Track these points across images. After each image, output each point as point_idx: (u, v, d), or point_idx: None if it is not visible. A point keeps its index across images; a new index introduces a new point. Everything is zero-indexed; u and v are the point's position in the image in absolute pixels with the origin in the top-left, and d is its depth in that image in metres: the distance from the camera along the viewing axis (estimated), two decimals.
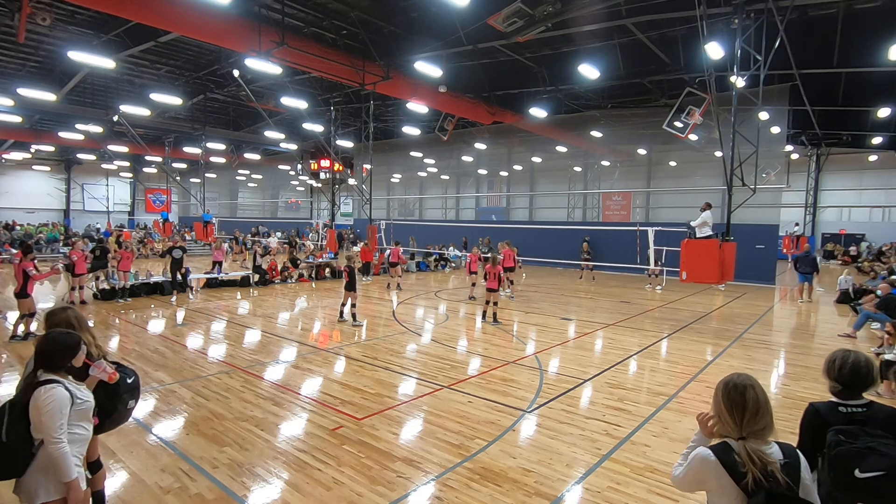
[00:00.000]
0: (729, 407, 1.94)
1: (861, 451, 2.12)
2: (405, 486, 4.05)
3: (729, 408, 1.94)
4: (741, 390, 1.95)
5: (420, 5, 13.14)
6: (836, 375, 2.42)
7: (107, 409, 3.11)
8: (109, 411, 3.12)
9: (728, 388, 1.96)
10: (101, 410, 3.10)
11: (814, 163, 28.62)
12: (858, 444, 2.15)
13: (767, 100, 13.39)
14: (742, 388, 1.95)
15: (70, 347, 2.62)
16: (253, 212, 48.83)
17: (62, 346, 2.61)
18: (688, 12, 10.27)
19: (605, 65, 15.06)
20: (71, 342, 2.64)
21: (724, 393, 1.97)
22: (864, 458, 2.10)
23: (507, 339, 9.51)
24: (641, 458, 4.59)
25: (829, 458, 2.20)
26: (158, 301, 13.21)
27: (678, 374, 7.34)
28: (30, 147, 31.07)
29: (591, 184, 31.34)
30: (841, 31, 13.15)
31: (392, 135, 28.11)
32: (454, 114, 19.91)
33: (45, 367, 2.55)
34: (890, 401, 5.81)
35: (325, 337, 9.56)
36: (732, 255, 10.27)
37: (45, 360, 2.56)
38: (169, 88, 19.70)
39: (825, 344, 9.48)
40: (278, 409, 5.68)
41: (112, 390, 3.12)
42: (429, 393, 6.31)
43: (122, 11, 11.31)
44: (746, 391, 1.94)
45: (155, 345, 8.54)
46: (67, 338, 2.65)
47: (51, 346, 2.59)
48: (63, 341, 2.63)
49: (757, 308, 13.57)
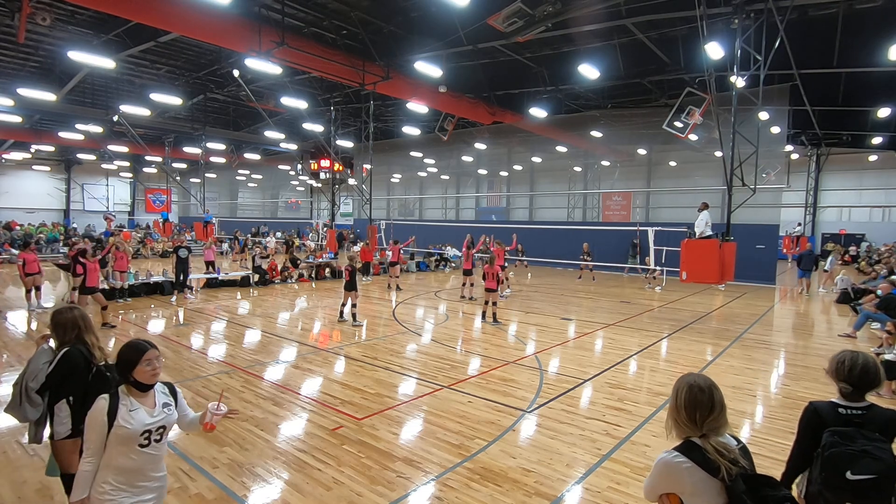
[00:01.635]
0: (692, 407, 1.96)
1: (855, 454, 2.15)
2: (405, 486, 4.05)
3: (691, 408, 1.96)
4: (707, 391, 1.98)
5: (420, 5, 13.13)
6: (845, 377, 2.41)
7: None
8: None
9: (694, 390, 1.98)
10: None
11: (814, 163, 28.62)
12: (853, 447, 2.17)
13: (767, 100, 13.38)
14: (708, 388, 1.98)
15: (131, 361, 2.41)
16: (253, 212, 48.83)
17: (123, 357, 2.43)
18: (688, 12, 10.27)
19: (605, 65, 15.05)
20: (131, 356, 2.42)
21: (688, 394, 1.99)
22: (858, 460, 2.13)
23: (507, 338, 9.51)
24: (641, 458, 4.59)
25: (822, 459, 2.23)
26: (158, 301, 13.21)
27: (678, 373, 7.27)
28: (30, 147, 31.08)
29: (591, 184, 31.34)
30: (841, 31, 13.14)
31: (392, 135, 28.12)
32: (454, 114, 19.91)
33: (119, 373, 2.44)
34: (890, 401, 5.80)
35: (325, 337, 9.56)
36: (732, 255, 10.27)
37: (115, 366, 2.46)
38: (169, 88, 19.70)
39: (825, 344, 9.49)
40: (278, 409, 5.68)
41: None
42: (429, 393, 6.31)
43: (122, 11, 11.31)
44: (713, 392, 1.98)
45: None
46: (130, 351, 2.44)
47: (120, 353, 2.45)
48: (123, 353, 2.44)
49: (757, 308, 13.57)
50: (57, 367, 3.02)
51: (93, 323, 3.31)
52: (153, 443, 2.41)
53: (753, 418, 5.71)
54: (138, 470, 2.38)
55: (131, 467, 2.36)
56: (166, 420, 2.49)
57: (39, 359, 3.06)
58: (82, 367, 3.06)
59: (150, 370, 2.43)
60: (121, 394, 2.39)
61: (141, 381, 2.42)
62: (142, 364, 2.40)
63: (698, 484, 1.89)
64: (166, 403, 2.54)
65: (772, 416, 5.78)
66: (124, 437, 2.32)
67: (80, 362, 3.06)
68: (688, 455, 1.91)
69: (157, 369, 2.47)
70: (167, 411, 2.51)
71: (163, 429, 2.47)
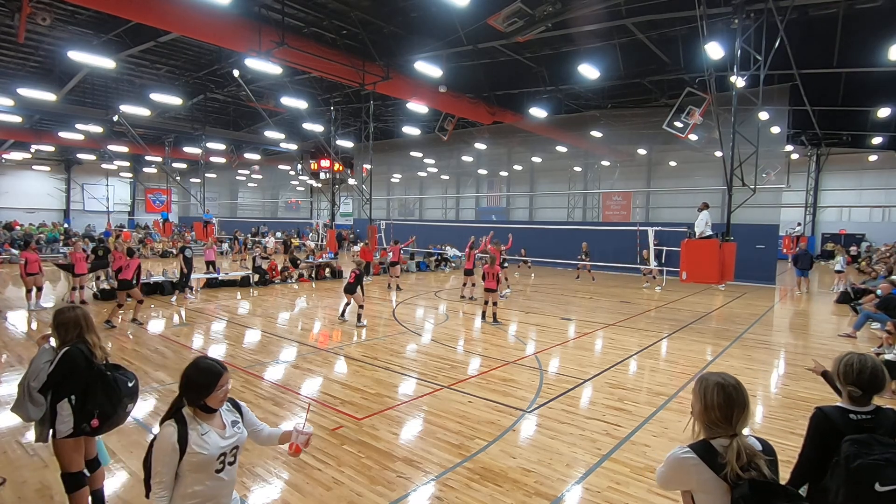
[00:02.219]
0: (727, 406, 1.92)
1: (879, 464, 2.05)
2: (405, 486, 4.04)
3: (727, 407, 1.92)
4: (740, 389, 1.96)
5: (420, 5, 13.13)
6: (854, 380, 2.36)
7: (107, 413, 3.12)
8: (109, 414, 3.13)
9: (728, 389, 1.95)
10: (102, 413, 3.11)
11: (814, 163, 28.62)
12: (875, 456, 2.08)
13: (767, 100, 13.39)
14: (739, 386, 1.97)
15: (204, 386, 2.19)
16: (253, 212, 48.85)
17: (194, 382, 2.20)
18: (688, 12, 10.28)
19: (605, 65, 15.06)
20: (204, 381, 2.19)
21: (721, 393, 1.95)
22: (882, 470, 2.04)
23: (507, 338, 9.51)
24: (641, 458, 4.59)
25: (847, 471, 2.11)
26: (158, 301, 13.21)
27: (678, 373, 7.34)
28: (30, 147, 31.10)
29: (591, 184, 31.35)
30: (841, 31, 13.14)
31: (392, 135, 28.13)
32: (454, 114, 19.91)
33: (186, 396, 2.22)
34: (890, 401, 5.81)
35: (325, 337, 9.56)
36: (732, 255, 10.26)
37: (183, 389, 2.22)
38: (169, 88, 19.70)
39: (825, 344, 9.48)
40: (278, 409, 5.68)
41: (114, 394, 3.13)
42: (429, 393, 6.31)
43: (122, 11, 11.32)
44: (740, 389, 1.96)
45: (155, 345, 8.54)
46: (205, 375, 2.21)
47: (190, 376, 2.22)
48: (195, 377, 2.21)
49: (757, 308, 13.57)
50: (58, 366, 3.04)
51: (94, 322, 3.32)
52: (227, 466, 2.25)
53: (753, 418, 5.70)
54: (213, 497, 2.21)
55: (207, 495, 2.19)
56: (239, 439, 2.32)
57: (41, 358, 3.08)
58: (83, 366, 3.08)
59: (223, 396, 2.24)
60: (186, 417, 2.18)
61: (211, 406, 2.23)
62: (218, 390, 2.20)
63: (704, 483, 1.89)
64: (234, 421, 2.35)
65: (772, 416, 5.79)
66: (200, 463, 2.14)
67: (80, 361, 3.07)
68: (698, 453, 1.91)
69: (228, 392, 2.28)
70: (237, 430, 2.33)
71: (236, 449, 2.30)
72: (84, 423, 3.07)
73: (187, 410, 2.20)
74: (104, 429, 3.16)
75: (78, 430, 3.08)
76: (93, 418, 3.07)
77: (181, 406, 2.21)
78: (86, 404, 3.07)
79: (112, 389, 3.11)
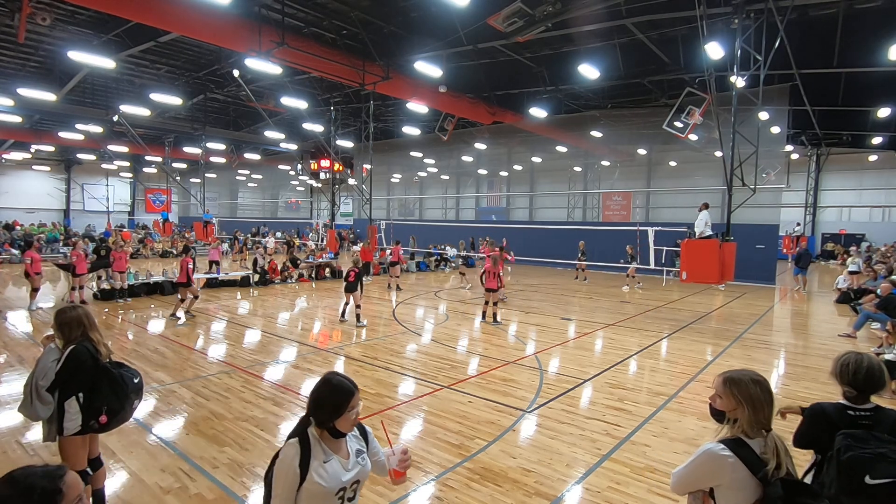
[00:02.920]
0: (769, 404, 1.96)
1: (872, 458, 2.09)
2: (405, 486, 4.04)
3: (769, 405, 1.96)
4: (767, 386, 2.00)
5: (420, 5, 13.13)
6: (850, 380, 2.38)
7: (115, 409, 3.15)
8: (117, 411, 3.16)
9: (763, 385, 1.99)
10: (110, 410, 3.14)
11: (814, 163, 28.62)
12: (869, 450, 2.12)
13: (767, 100, 13.39)
14: (767, 383, 2.01)
15: (336, 406, 1.92)
16: (253, 212, 48.84)
17: (327, 402, 1.94)
18: (688, 12, 10.27)
19: (605, 65, 15.06)
20: (336, 401, 1.92)
21: (762, 390, 1.98)
22: (875, 464, 2.07)
23: (507, 338, 9.51)
24: (641, 458, 4.59)
25: (839, 463, 2.16)
26: (158, 301, 13.21)
27: (678, 374, 7.34)
28: (30, 147, 31.09)
29: (591, 184, 31.33)
30: (841, 31, 13.14)
31: (392, 135, 28.13)
32: (454, 114, 19.91)
33: (314, 416, 1.96)
34: (890, 401, 5.80)
35: (325, 337, 9.56)
36: (732, 255, 10.27)
37: (312, 409, 1.96)
38: (169, 88, 19.70)
39: (825, 344, 9.49)
40: (278, 409, 5.68)
41: (121, 391, 3.16)
42: (429, 393, 6.31)
43: (122, 11, 11.32)
44: (769, 386, 2.01)
45: (155, 345, 8.53)
46: (336, 395, 1.94)
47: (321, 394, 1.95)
48: (326, 397, 1.94)
49: (757, 308, 13.57)
50: (64, 364, 3.07)
51: (96, 321, 3.34)
52: (346, 502, 1.96)
53: None
54: None
55: None
56: (361, 473, 2.01)
57: (48, 357, 3.11)
58: (89, 364, 3.11)
59: (354, 419, 1.96)
60: (311, 439, 1.91)
61: (341, 430, 1.95)
62: (349, 412, 1.93)
63: (738, 481, 1.88)
64: (359, 450, 2.05)
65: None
66: (317, 496, 1.87)
67: (86, 359, 3.11)
68: (735, 450, 1.91)
69: (359, 415, 2.00)
70: (361, 461, 2.03)
71: (357, 484, 2.00)
72: (92, 419, 3.10)
73: (313, 431, 1.93)
74: (112, 425, 3.18)
75: (86, 427, 3.11)
76: (101, 415, 3.10)
77: (308, 425, 1.95)
78: (93, 401, 3.10)
79: (119, 386, 3.14)
